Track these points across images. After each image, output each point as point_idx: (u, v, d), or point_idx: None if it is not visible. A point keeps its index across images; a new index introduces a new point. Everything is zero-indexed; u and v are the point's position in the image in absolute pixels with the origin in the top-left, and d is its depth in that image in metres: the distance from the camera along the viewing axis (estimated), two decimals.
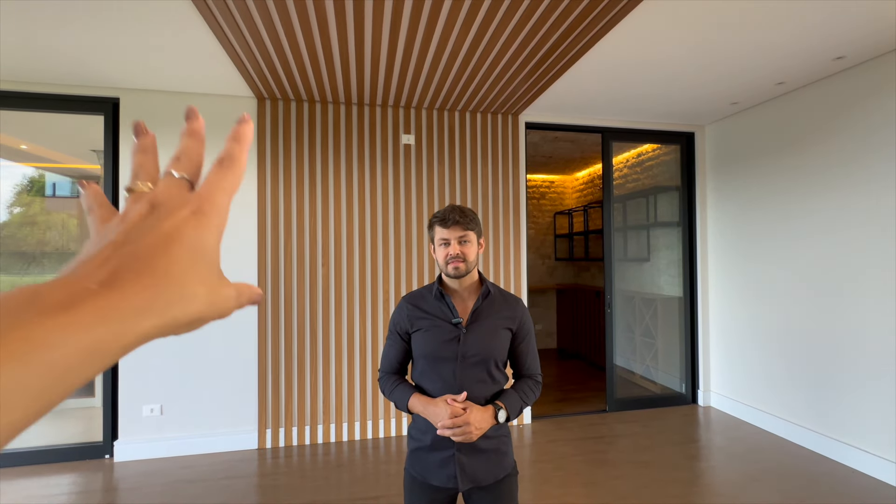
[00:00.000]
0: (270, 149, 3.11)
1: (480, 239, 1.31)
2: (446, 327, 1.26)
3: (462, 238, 1.25)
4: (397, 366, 1.35)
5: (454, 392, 1.22)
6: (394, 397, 1.29)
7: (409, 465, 1.30)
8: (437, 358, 1.25)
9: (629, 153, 4.45)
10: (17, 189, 3.09)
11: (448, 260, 1.25)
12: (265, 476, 2.69)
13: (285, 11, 2.01)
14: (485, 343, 1.25)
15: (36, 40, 2.30)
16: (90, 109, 2.95)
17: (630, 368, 4.26)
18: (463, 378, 1.23)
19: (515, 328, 1.32)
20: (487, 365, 1.25)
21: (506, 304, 1.32)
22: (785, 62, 2.63)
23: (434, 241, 1.29)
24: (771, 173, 3.27)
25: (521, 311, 1.34)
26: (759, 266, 3.36)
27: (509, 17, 2.09)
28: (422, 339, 1.27)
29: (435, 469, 1.24)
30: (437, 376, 1.25)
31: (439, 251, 1.27)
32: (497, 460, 1.26)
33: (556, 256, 6.46)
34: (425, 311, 1.30)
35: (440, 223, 1.26)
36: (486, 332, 1.27)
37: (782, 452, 2.92)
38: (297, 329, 3.13)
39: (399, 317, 1.33)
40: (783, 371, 3.17)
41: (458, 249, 1.24)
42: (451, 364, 1.24)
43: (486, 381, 1.25)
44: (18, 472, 2.73)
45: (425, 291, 1.34)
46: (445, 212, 1.26)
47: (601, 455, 2.91)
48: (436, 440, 1.22)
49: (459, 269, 1.25)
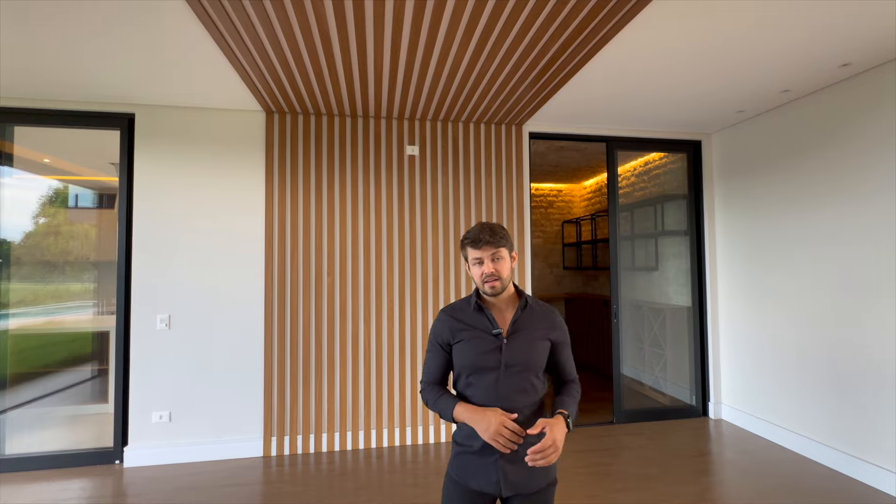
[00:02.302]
0: (278, 160, 3.19)
1: (513, 252, 1.35)
2: (487, 338, 1.29)
3: (494, 255, 1.29)
4: (439, 376, 1.38)
5: (497, 402, 1.25)
6: (438, 406, 1.32)
7: (452, 469, 1.33)
8: (479, 368, 1.28)
9: (636, 162, 4.43)
10: (41, 201, 3.22)
11: (484, 279, 1.29)
12: (270, 484, 2.72)
13: (289, 28, 2.08)
14: (527, 353, 1.28)
15: (56, 61, 2.42)
16: (107, 125, 3.07)
17: (639, 379, 4.19)
18: (505, 387, 1.26)
19: (555, 338, 1.35)
20: (529, 374, 1.28)
21: (544, 316, 1.36)
22: (790, 69, 2.61)
23: (468, 260, 1.34)
24: (780, 181, 3.22)
25: (559, 321, 1.39)
26: (771, 275, 3.30)
27: (508, 28, 2.12)
28: (464, 349, 1.30)
29: (478, 473, 1.26)
30: (480, 386, 1.27)
31: (474, 270, 1.32)
32: (545, 469, 1.27)
33: (564, 265, 6.42)
34: (466, 322, 1.33)
35: (472, 245, 1.30)
36: (528, 343, 1.30)
37: (796, 468, 2.83)
38: (302, 338, 3.17)
39: (440, 328, 1.36)
40: (798, 384, 3.09)
41: (492, 268, 1.28)
42: (494, 373, 1.27)
43: (527, 391, 1.28)
44: (33, 476, 2.81)
45: (464, 304, 1.37)
46: (475, 231, 1.30)
47: (605, 468, 2.86)
48: (483, 446, 1.25)
49: (496, 287, 1.29)
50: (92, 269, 3.37)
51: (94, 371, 3.45)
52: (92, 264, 3.38)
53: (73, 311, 3.30)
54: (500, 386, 1.26)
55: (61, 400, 3.27)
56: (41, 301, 3.17)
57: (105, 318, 3.34)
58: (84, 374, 3.43)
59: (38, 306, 3.16)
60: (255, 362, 3.12)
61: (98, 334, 3.44)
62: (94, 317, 3.36)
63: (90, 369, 3.45)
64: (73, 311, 3.30)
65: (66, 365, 3.35)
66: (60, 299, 3.26)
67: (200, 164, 3.10)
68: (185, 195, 3.08)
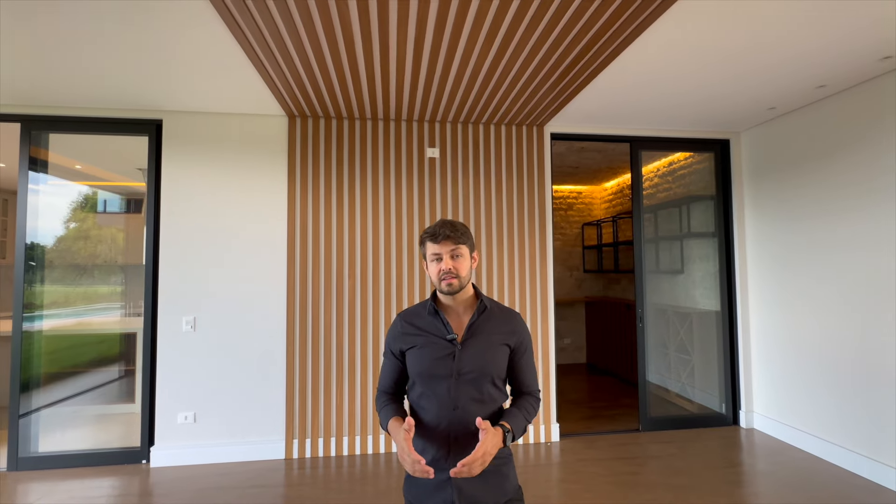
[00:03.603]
0: (300, 164, 3.21)
1: (473, 253, 1.29)
2: (441, 344, 1.22)
3: (454, 252, 1.23)
4: (392, 385, 1.31)
5: (450, 412, 1.18)
6: (380, 416, 1.27)
7: (406, 490, 1.26)
8: (431, 376, 1.20)
9: (659, 162, 4.32)
10: (72, 206, 3.32)
11: (441, 276, 1.23)
12: (292, 486, 2.72)
13: (314, 34, 2.09)
14: (482, 359, 1.21)
15: (90, 70, 2.49)
16: (135, 131, 3.15)
17: (664, 385, 4.07)
18: (458, 396, 1.18)
19: (514, 344, 1.27)
20: (484, 382, 1.20)
21: (503, 319, 1.28)
22: (826, 64, 2.50)
23: (426, 258, 1.27)
24: (813, 182, 3.09)
25: (520, 325, 1.30)
26: (805, 279, 3.16)
27: (532, 29, 2.09)
28: (416, 356, 1.24)
29: (431, 493, 1.18)
30: (433, 395, 1.20)
31: (432, 267, 1.26)
32: (498, 483, 1.20)
33: (585, 268, 6.32)
34: (419, 327, 1.26)
35: (431, 238, 1.24)
36: (483, 348, 1.22)
37: (836, 480, 2.69)
38: (323, 341, 3.18)
39: (393, 335, 1.30)
40: (836, 392, 2.94)
41: (451, 264, 1.22)
42: (446, 381, 1.19)
43: (483, 400, 1.20)
44: (66, 474, 2.88)
45: (419, 308, 1.31)
46: (436, 227, 1.25)
47: (633, 477, 2.77)
48: (431, 462, 1.16)
49: (453, 285, 1.22)
50: (119, 272, 3.45)
51: (121, 371, 3.53)
52: (119, 267, 3.47)
53: (101, 313, 3.39)
54: (453, 395, 1.18)
55: (90, 399, 3.35)
56: (71, 303, 3.26)
57: (131, 320, 3.42)
58: (112, 375, 3.52)
59: (68, 308, 3.25)
60: (278, 364, 3.14)
61: (125, 336, 3.53)
62: (122, 318, 3.44)
63: (117, 370, 3.53)
64: (102, 312, 3.39)
65: (95, 365, 3.44)
66: (89, 301, 3.36)
67: (225, 168, 3.15)
68: (210, 199, 3.13)
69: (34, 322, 3.07)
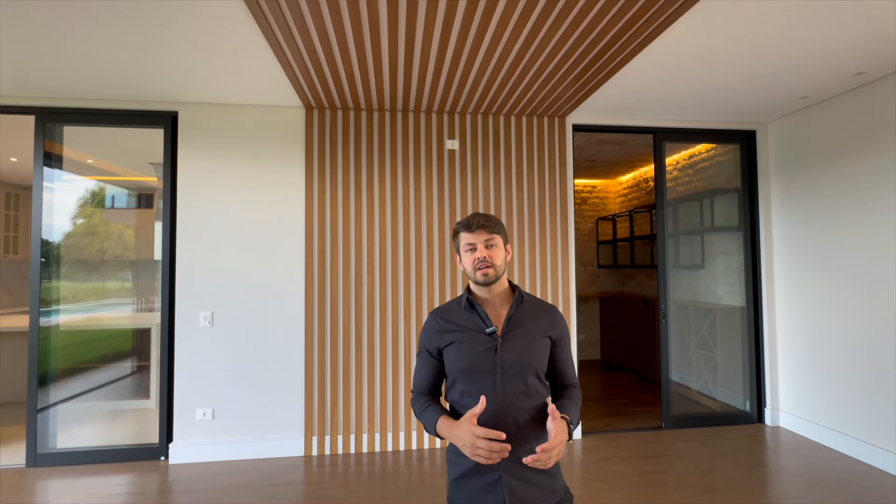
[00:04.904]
0: (318, 156, 3.15)
1: (507, 245, 1.27)
2: (481, 338, 1.18)
3: (488, 242, 1.21)
4: (429, 386, 1.27)
5: (497, 408, 1.13)
6: (423, 419, 1.21)
7: (452, 494, 1.20)
8: (474, 371, 1.16)
9: (679, 155, 4.22)
10: (83, 201, 3.27)
11: (476, 266, 1.20)
12: (311, 484, 2.67)
13: (339, 19, 2.02)
14: (524, 351, 1.18)
15: (105, 60, 2.43)
16: (151, 123, 3.09)
17: (685, 383, 3.99)
18: (504, 391, 1.14)
19: (555, 336, 1.25)
20: (529, 375, 1.17)
21: (542, 311, 1.26)
22: (866, 49, 2.40)
23: (460, 250, 1.26)
24: (846, 175, 2.99)
25: (559, 317, 1.28)
26: (835, 274, 3.06)
27: (562, 17, 2.01)
28: (455, 352, 1.20)
29: (481, 495, 1.14)
30: (477, 392, 1.15)
31: (466, 258, 1.24)
32: (548, 482, 1.16)
33: (599, 263, 6.23)
34: (456, 323, 1.22)
35: (465, 228, 1.24)
36: (525, 341, 1.19)
37: (870, 480, 2.62)
38: (342, 336, 3.13)
39: (428, 333, 1.26)
40: (868, 389, 2.85)
41: (486, 253, 1.20)
42: (490, 377, 1.15)
43: (529, 394, 1.16)
44: (84, 470, 2.85)
45: (454, 304, 1.28)
46: (469, 218, 1.25)
47: (660, 476, 2.71)
48: (479, 463, 1.09)
49: (489, 274, 1.20)
50: (130, 268, 3.41)
51: (133, 367, 3.51)
52: (130, 263, 3.43)
53: (112, 309, 3.36)
54: (499, 390, 1.14)
55: (104, 395, 3.32)
56: (81, 299, 3.22)
57: (143, 316, 3.38)
58: (124, 370, 3.49)
59: (79, 304, 3.21)
60: (296, 360, 3.09)
61: (137, 331, 3.49)
62: (133, 314, 3.41)
63: (130, 365, 3.50)
64: (113, 308, 3.36)
65: (107, 361, 3.41)
66: (100, 297, 3.32)
67: (241, 161, 3.09)
68: (227, 192, 3.07)
69: (50, 317, 3.04)
